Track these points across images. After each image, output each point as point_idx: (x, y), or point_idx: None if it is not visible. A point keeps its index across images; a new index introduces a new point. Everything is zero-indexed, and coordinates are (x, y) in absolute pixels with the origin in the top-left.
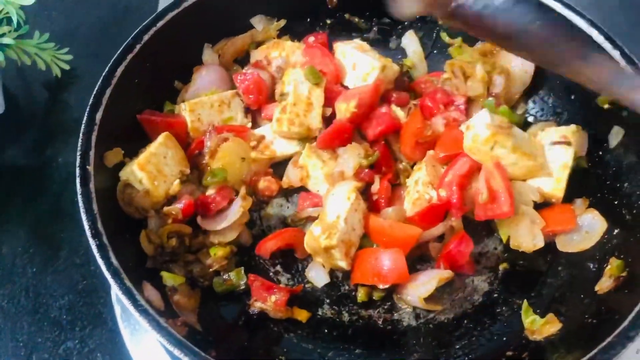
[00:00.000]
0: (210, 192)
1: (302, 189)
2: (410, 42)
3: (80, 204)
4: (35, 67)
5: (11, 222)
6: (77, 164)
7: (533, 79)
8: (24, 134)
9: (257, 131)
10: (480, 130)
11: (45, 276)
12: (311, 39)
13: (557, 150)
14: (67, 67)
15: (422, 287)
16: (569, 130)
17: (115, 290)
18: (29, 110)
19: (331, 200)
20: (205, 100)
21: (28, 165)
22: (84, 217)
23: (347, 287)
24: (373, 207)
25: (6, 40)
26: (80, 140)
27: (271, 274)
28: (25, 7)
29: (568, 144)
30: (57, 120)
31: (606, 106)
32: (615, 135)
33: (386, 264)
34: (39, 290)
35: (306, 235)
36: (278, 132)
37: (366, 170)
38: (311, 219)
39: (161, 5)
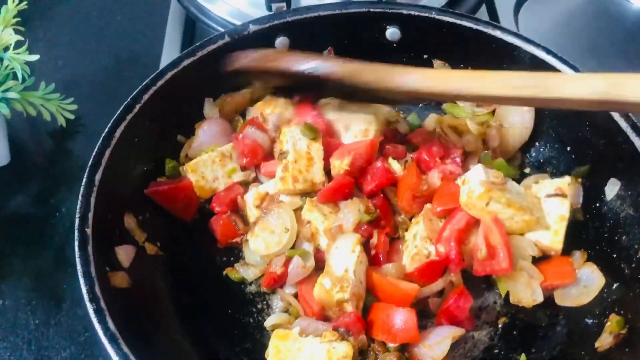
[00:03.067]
0: None
1: None
2: None
3: (78, 267)
4: (40, 117)
5: (14, 273)
6: (76, 227)
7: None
8: (29, 183)
9: (261, 188)
10: (474, 186)
11: (47, 328)
12: (296, 98)
13: (553, 202)
14: (72, 116)
15: (436, 347)
16: (564, 182)
17: (112, 356)
18: (34, 159)
19: (335, 254)
20: (205, 159)
21: (32, 215)
22: (81, 280)
23: None
24: (372, 261)
25: (12, 94)
26: (79, 202)
27: None
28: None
29: (563, 196)
30: (61, 169)
31: None
32: (612, 188)
33: (397, 323)
34: (41, 343)
35: (316, 288)
36: (283, 190)
37: (365, 225)
38: None
39: (164, 55)
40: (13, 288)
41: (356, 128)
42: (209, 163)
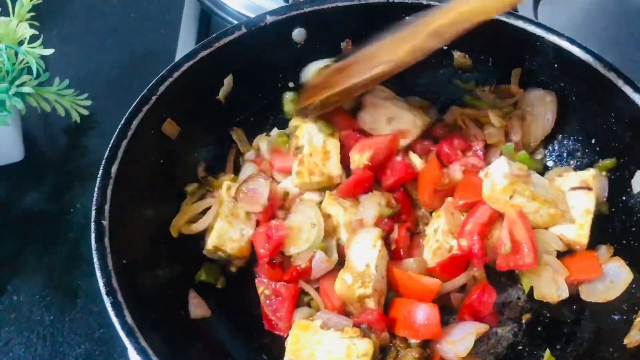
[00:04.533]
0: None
1: None
2: None
3: (95, 260)
4: (55, 113)
5: (28, 269)
6: (92, 219)
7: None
8: (43, 179)
9: (280, 187)
10: (498, 179)
11: (62, 324)
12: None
13: (577, 195)
14: (86, 112)
15: (459, 344)
16: (589, 175)
17: (130, 350)
18: (49, 156)
19: (356, 249)
20: (220, 226)
21: (46, 211)
22: (98, 273)
23: None
24: (392, 255)
25: (26, 89)
26: (95, 194)
27: None
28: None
29: (589, 189)
30: (76, 166)
31: None
32: (639, 181)
33: (419, 319)
34: (56, 339)
35: (337, 283)
36: (300, 184)
37: (386, 219)
38: None
39: (179, 50)
40: (28, 284)
41: (399, 125)
42: (225, 227)
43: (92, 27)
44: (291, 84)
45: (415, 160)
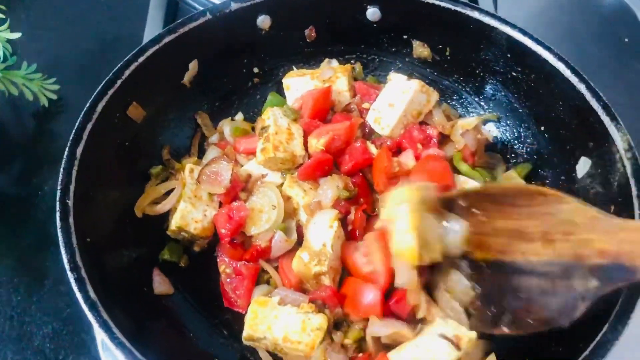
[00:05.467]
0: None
1: None
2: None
3: (60, 237)
4: (23, 97)
5: None
6: (57, 198)
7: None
8: (12, 163)
9: (243, 169)
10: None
11: (30, 304)
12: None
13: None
14: (54, 96)
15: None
16: (465, 336)
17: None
18: (17, 139)
19: (313, 229)
20: (183, 207)
21: (14, 195)
22: (62, 250)
23: None
24: (349, 236)
25: None
26: (60, 175)
27: None
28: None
29: (457, 347)
30: (44, 149)
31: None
32: (583, 166)
33: (364, 298)
34: (23, 319)
35: (295, 261)
36: (264, 161)
37: (343, 202)
38: None
39: (146, 36)
40: None
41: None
42: (189, 209)
43: (61, 13)
44: (256, 70)
45: (373, 148)
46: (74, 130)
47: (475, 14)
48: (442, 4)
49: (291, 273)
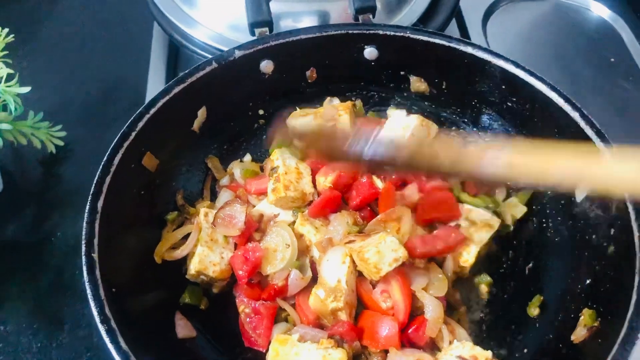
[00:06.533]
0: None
1: None
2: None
3: (88, 291)
4: (30, 145)
5: (13, 299)
6: (83, 252)
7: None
8: (23, 210)
9: (255, 210)
10: None
11: (50, 350)
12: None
13: None
14: (61, 143)
15: None
16: (481, 356)
17: None
18: (26, 187)
19: (326, 266)
20: (201, 251)
21: (27, 241)
22: (92, 304)
23: None
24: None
25: (4, 126)
26: (84, 229)
27: None
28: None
29: None
30: (54, 195)
31: None
32: (581, 190)
33: (381, 330)
34: None
35: (311, 299)
36: (275, 200)
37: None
38: None
39: (150, 79)
40: (13, 313)
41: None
42: (206, 252)
43: (63, 58)
44: (261, 112)
45: (378, 182)
46: (93, 185)
47: (469, 49)
48: (437, 40)
49: (308, 310)
